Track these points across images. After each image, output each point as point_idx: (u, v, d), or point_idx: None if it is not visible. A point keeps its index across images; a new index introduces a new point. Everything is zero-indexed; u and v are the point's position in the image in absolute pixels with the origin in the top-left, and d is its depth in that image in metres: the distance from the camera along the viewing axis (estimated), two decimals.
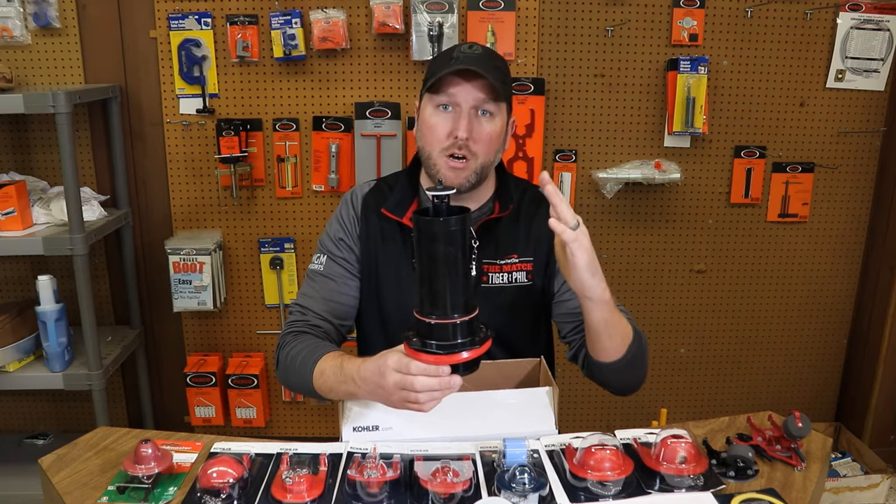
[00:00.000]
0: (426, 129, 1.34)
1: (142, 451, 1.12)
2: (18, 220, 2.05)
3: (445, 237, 0.97)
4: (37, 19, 2.22)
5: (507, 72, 1.37)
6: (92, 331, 2.10)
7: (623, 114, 2.40)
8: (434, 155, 1.34)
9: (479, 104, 1.31)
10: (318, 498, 1.08)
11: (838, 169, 2.48)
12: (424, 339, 1.02)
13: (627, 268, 2.53)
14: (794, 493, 1.11)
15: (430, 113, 1.33)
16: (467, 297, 1.01)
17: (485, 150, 1.33)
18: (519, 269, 1.42)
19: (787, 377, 2.69)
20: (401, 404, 1.09)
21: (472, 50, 1.32)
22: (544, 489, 1.07)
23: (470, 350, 1.02)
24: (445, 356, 1.01)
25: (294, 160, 2.36)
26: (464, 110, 1.30)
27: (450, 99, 1.31)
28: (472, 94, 1.30)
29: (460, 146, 1.30)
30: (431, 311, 1.01)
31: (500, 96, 1.31)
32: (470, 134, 1.30)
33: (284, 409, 2.59)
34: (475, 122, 1.31)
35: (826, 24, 2.35)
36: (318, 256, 1.46)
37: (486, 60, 1.31)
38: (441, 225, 0.97)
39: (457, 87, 1.29)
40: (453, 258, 0.98)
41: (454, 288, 1.00)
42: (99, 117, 2.33)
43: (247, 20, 2.24)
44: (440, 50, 2.20)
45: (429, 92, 1.33)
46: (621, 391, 1.37)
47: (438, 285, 0.99)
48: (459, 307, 1.00)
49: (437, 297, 1.00)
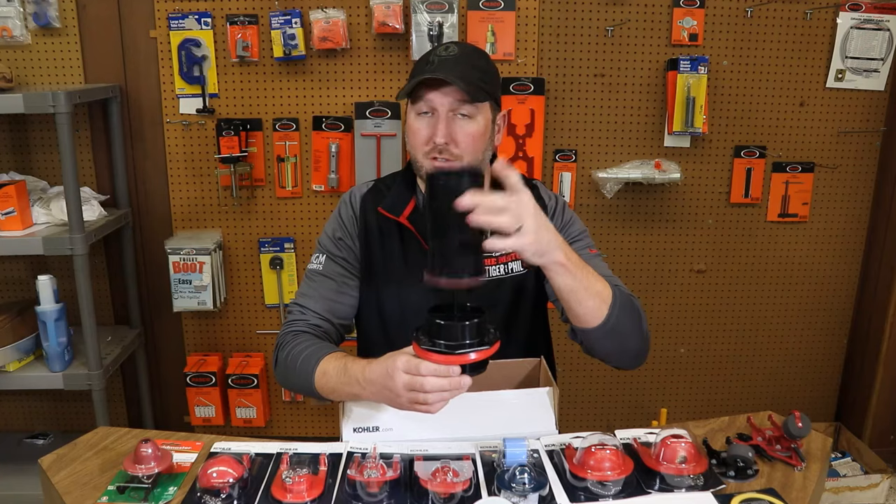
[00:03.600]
0: (410, 134, 1.37)
1: (142, 450, 1.12)
2: (18, 220, 2.05)
3: (456, 194, 0.96)
4: (37, 19, 2.22)
5: (489, 68, 1.37)
6: (92, 331, 2.10)
7: (623, 114, 2.40)
8: (419, 157, 1.36)
9: (456, 108, 1.31)
10: (318, 498, 1.08)
11: (838, 169, 2.48)
12: (434, 338, 1.02)
13: (627, 268, 2.53)
14: (794, 493, 1.11)
15: (412, 118, 1.36)
16: (477, 258, 1.00)
17: (469, 149, 1.33)
18: (514, 259, 1.43)
19: (787, 377, 2.69)
20: (409, 406, 1.09)
21: (448, 52, 1.32)
22: (544, 489, 1.07)
23: (479, 350, 1.02)
24: (455, 356, 1.01)
25: (294, 160, 2.36)
26: (441, 115, 1.31)
27: (427, 105, 1.32)
28: (446, 100, 1.30)
29: (441, 150, 1.31)
30: (445, 271, 0.99)
31: (474, 98, 1.31)
32: (448, 138, 1.31)
33: (284, 409, 2.59)
34: (453, 124, 1.32)
35: (826, 24, 2.35)
36: (317, 256, 1.46)
37: (464, 63, 1.31)
38: (455, 178, 0.97)
39: (431, 94, 1.31)
40: (463, 216, 0.97)
41: (464, 246, 0.99)
42: (99, 117, 2.33)
43: (247, 20, 2.24)
44: None
45: (408, 98, 1.35)
46: (620, 362, 1.32)
47: (449, 243, 0.98)
48: (470, 267, 0.99)
49: (448, 257, 0.99)
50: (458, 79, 1.27)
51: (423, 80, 1.29)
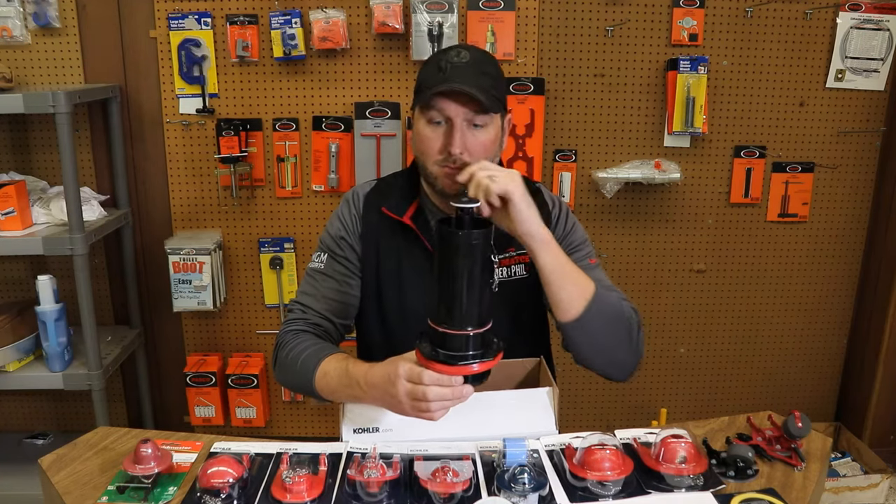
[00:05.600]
0: (420, 142, 1.34)
1: (142, 451, 1.12)
2: (18, 219, 2.05)
3: (467, 250, 0.97)
4: (37, 19, 2.22)
5: (499, 74, 1.35)
6: (92, 331, 2.10)
7: (623, 114, 2.40)
8: (430, 166, 1.34)
9: (471, 118, 1.29)
10: (318, 498, 1.08)
11: (838, 169, 2.48)
12: (437, 348, 1.02)
13: (627, 268, 2.53)
14: (794, 493, 1.11)
15: (423, 125, 1.32)
16: (482, 309, 1.01)
17: (481, 158, 1.32)
18: (517, 262, 1.43)
19: (787, 377, 2.69)
20: (411, 412, 1.09)
21: (460, 58, 1.29)
22: (544, 489, 1.07)
23: (482, 362, 1.02)
24: (458, 367, 1.01)
25: (294, 160, 2.36)
26: (456, 125, 1.29)
27: (441, 114, 1.30)
28: (461, 110, 1.28)
29: (455, 160, 1.30)
30: (446, 321, 1.00)
31: (490, 109, 1.29)
32: (464, 147, 1.29)
33: (284, 409, 2.59)
34: (468, 134, 1.30)
35: (826, 24, 2.35)
36: (318, 255, 1.46)
37: (475, 70, 1.28)
38: (463, 238, 0.97)
39: (446, 103, 1.28)
40: (472, 271, 0.98)
41: (471, 301, 0.99)
42: (99, 117, 2.33)
43: (247, 20, 2.24)
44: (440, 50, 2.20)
45: (419, 106, 1.32)
46: (606, 371, 1.33)
47: (455, 297, 0.99)
48: (474, 320, 1.00)
49: (452, 309, 0.99)
50: (474, 88, 1.25)
51: (440, 92, 1.26)
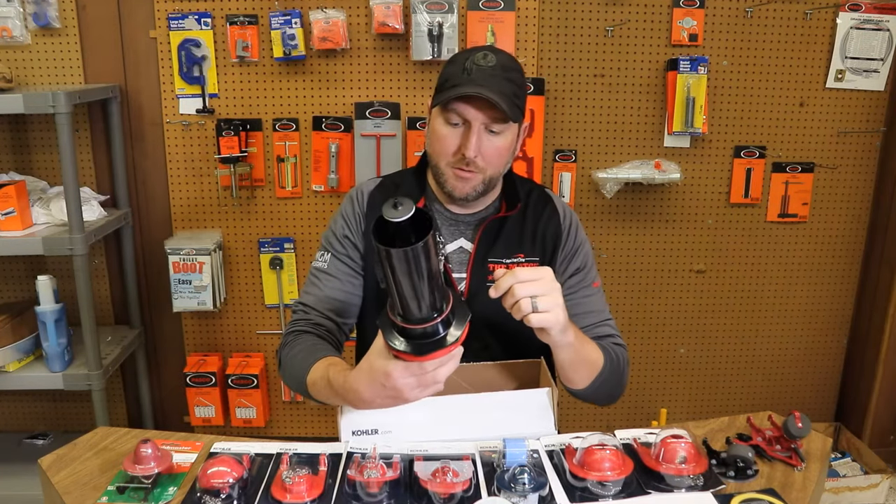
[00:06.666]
0: (435, 140, 1.33)
1: (142, 451, 1.12)
2: (18, 220, 2.05)
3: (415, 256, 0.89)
4: (37, 19, 2.22)
5: (522, 82, 1.34)
6: (92, 331, 2.10)
7: (623, 114, 2.40)
8: (441, 165, 1.33)
9: (489, 123, 1.29)
10: (318, 498, 1.07)
11: (838, 169, 2.48)
12: (420, 339, 0.99)
13: (627, 268, 2.53)
14: (794, 493, 1.11)
15: (440, 124, 1.32)
16: (444, 290, 0.98)
17: (494, 163, 1.32)
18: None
19: (787, 377, 2.69)
20: (417, 398, 1.07)
21: (486, 62, 1.27)
22: (544, 489, 1.07)
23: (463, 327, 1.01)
24: (450, 346, 0.99)
25: (294, 160, 2.36)
26: (473, 128, 1.28)
27: (460, 117, 1.29)
28: (480, 114, 1.27)
29: (468, 163, 1.30)
30: (423, 319, 0.97)
31: (510, 118, 1.27)
32: (478, 151, 1.29)
33: (284, 409, 2.59)
34: (484, 138, 1.29)
35: (826, 24, 2.35)
36: (322, 254, 1.44)
37: (500, 76, 1.27)
38: (410, 251, 0.89)
39: (466, 106, 1.27)
40: (429, 268, 0.92)
41: (434, 289, 0.95)
42: (99, 117, 2.33)
43: (246, 20, 2.24)
44: (440, 51, 2.20)
45: (438, 105, 1.31)
46: (598, 404, 1.40)
47: (405, 299, 0.95)
48: (442, 302, 0.97)
49: (421, 307, 0.96)
50: (497, 95, 1.24)
51: (463, 96, 1.25)
